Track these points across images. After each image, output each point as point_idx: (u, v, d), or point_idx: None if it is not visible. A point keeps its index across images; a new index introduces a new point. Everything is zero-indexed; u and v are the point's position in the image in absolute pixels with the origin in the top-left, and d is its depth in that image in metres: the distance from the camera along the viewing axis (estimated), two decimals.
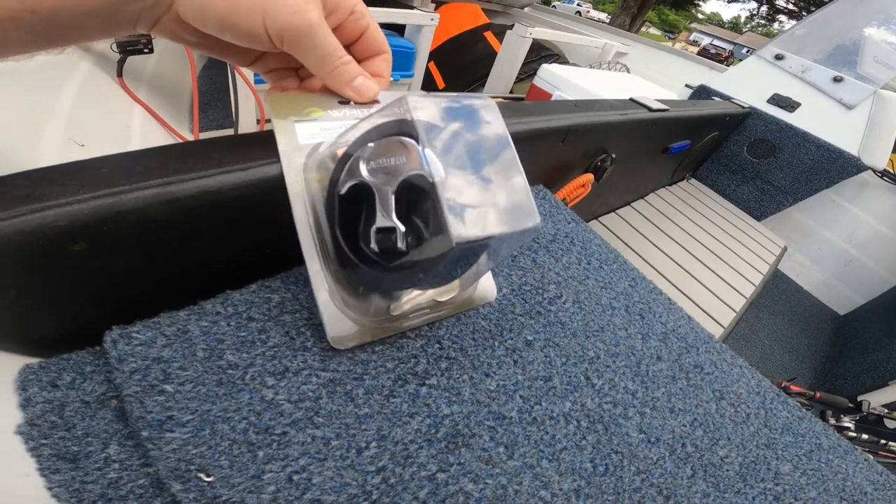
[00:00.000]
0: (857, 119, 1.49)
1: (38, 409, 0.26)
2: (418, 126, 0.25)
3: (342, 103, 0.32)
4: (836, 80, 1.53)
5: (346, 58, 0.29)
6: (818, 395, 1.09)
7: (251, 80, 1.11)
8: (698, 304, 1.08)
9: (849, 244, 1.85)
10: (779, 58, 1.63)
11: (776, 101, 1.56)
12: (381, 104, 0.32)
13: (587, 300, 0.47)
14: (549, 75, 1.43)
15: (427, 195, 0.24)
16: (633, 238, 1.21)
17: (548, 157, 0.66)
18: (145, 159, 0.28)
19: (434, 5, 2.16)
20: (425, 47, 1.56)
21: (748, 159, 1.62)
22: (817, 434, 0.45)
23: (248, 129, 1.17)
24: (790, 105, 1.54)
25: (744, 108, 1.50)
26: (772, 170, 1.60)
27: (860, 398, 1.13)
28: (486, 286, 0.39)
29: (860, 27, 1.58)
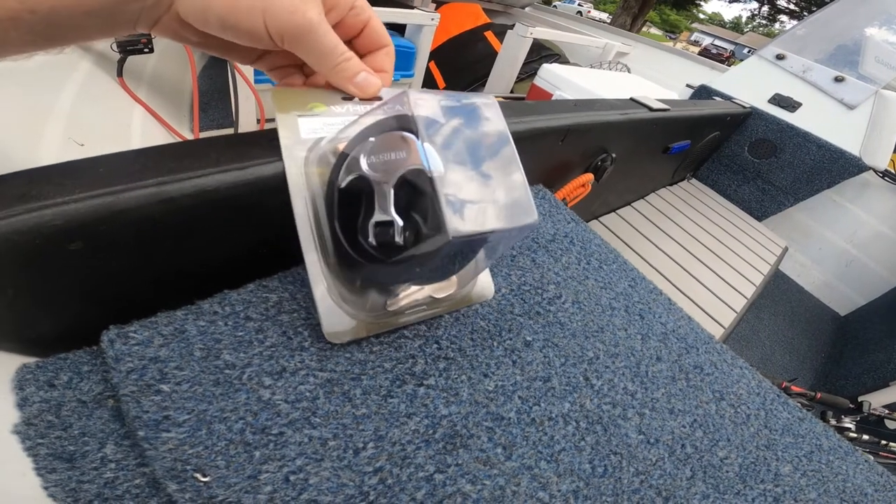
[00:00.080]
0: (859, 119, 1.49)
1: (35, 409, 0.26)
2: (418, 121, 0.25)
3: (346, 99, 0.32)
4: (838, 80, 1.53)
5: (347, 54, 0.29)
6: (819, 395, 1.09)
7: (251, 79, 1.11)
8: (698, 305, 1.08)
9: (850, 244, 1.85)
10: (780, 58, 1.63)
11: (777, 101, 1.55)
12: (383, 100, 0.32)
13: (587, 300, 0.46)
14: (550, 75, 1.43)
15: (426, 190, 0.24)
16: (634, 238, 1.21)
17: (548, 156, 0.66)
18: (143, 158, 0.28)
19: (434, 5, 2.16)
20: (426, 47, 1.56)
21: (749, 159, 1.62)
22: (818, 435, 0.44)
23: (249, 129, 1.17)
24: (791, 105, 1.54)
25: (745, 108, 1.50)
26: (773, 170, 1.59)
27: (861, 399, 1.13)
28: (484, 284, 0.39)
29: (861, 27, 1.58)
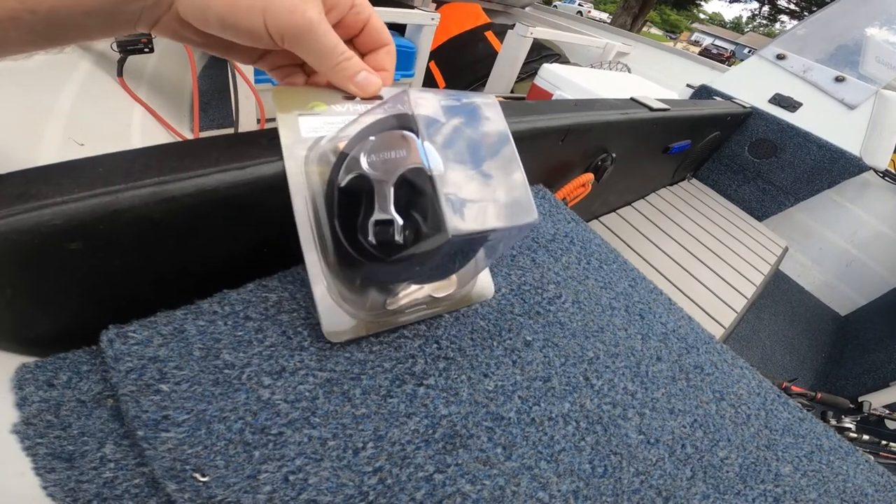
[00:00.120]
0: (859, 119, 1.49)
1: (34, 409, 0.26)
2: (419, 120, 0.25)
3: (347, 98, 0.32)
4: (838, 80, 1.53)
5: (347, 53, 0.29)
6: (819, 395, 1.09)
7: (252, 79, 1.11)
8: (699, 305, 1.08)
9: (850, 244, 1.85)
10: (780, 58, 1.63)
11: (778, 100, 1.55)
12: (384, 99, 0.32)
13: (587, 300, 0.46)
14: (550, 75, 1.43)
15: (426, 189, 0.24)
16: (634, 238, 1.21)
17: (548, 156, 0.66)
18: (142, 158, 0.28)
19: (435, 5, 2.16)
20: (426, 47, 1.56)
21: (749, 159, 1.62)
22: (818, 435, 0.44)
23: (249, 129, 1.17)
24: (792, 105, 1.54)
25: (745, 107, 1.50)
26: (773, 170, 1.59)
27: (861, 399, 1.13)
28: (484, 284, 0.39)
29: (862, 27, 1.58)
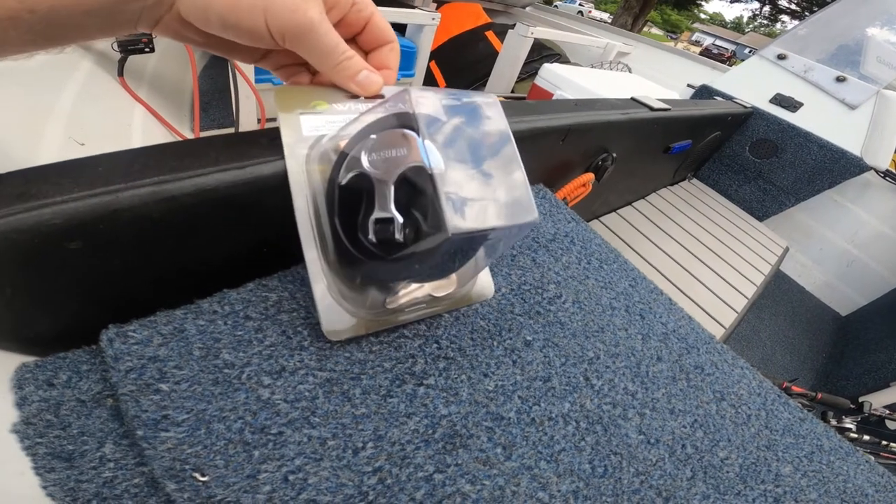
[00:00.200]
0: (860, 119, 1.49)
1: (34, 408, 0.26)
2: (419, 119, 0.25)
3: (350, 97, 0.32)
4: (839, 80, 1.53)
5: (348, 53, 0.29)
6: (819, 396, 1.08)
7: (252, 79, 1.11)
8: (699, 305, 1.08)
9: (851, 245, 1.85)
10: (781, 58, 1.63)
11: (778, 100, 1.55)
12: (385, 98, 0.32)
13: (587, 300, 0.46)
14: (551, 75, 1.43)
15: (426, 187, 0.24)
16: (634, 238, 1.21)
17: (548, 156, 0.66)
18: (142, 157, 0.28)
19: (435, 5, 2.16)
20: (426, 47, 1.56)
21: (750, 159, 1.62)
22: (818, 435, 0.44)
23: (249, 129, 1.17)
24: (793, 105, 1.53)
25: (746, 107, 1.50)
26: (774, 170, 1.59)
27: (862, 399, 1.12)
28: (484, 283, 0.39)
29: (863, 27, 1.58)
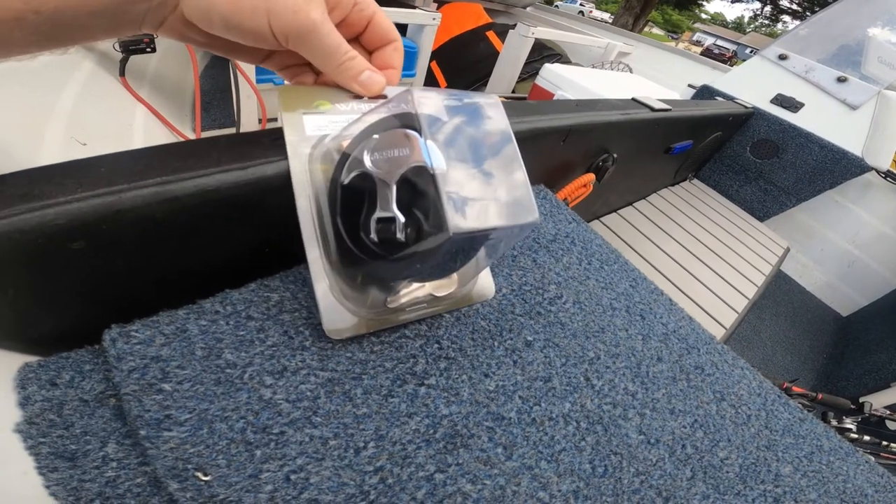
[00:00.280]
0: (861, 119, 1.48)
1: (37, 408, 0.26)
2: (422, 119, 0.25)
3: (354, 97, 0.32)
4: (840, 80, 1.52)
5: (351, 53, 0.29)
6: (820, 396, 1.08)
7: (253, 79, 1.11)
8: (700, 305, 1.08)
9: (852, 245, 1.84)
10: (782, 58, 1.62)
11: (780, 101, 1.55)
12: (388, 98, 0.32)
13: (588, 301, 0.46)
14: (552, 75, 1.43)
15: (427, 186, 0.24)
16: (635, 238, 1.21)
17: (549, 156, 0.66)
18: (144, 158, 0.28)
19: (436, 5, 2.16)
20: (427, 47, 1.56)
21: (751, 160, 1.62)
22: (818, 436, 0.44)
23: (251, 129, 1.17)
24: (794, 105, 1.53)
25: (747, 108, 1.49)
26: (775, 170, 1.59)
27: (862, 400, 1.12)
28: (485, 283, 0.39)
29: (864, 27, 1.58)
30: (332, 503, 0.25)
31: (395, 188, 0.26)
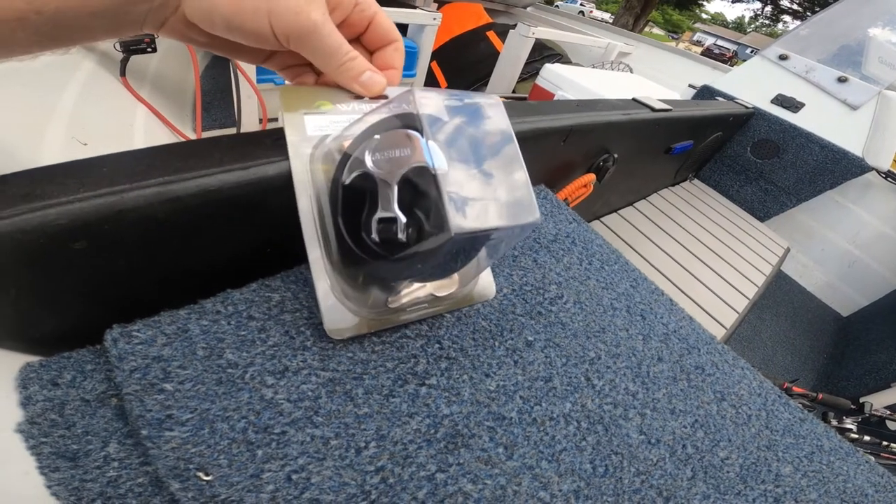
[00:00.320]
0: (862, 120, 1.48)
1: (39, 408, 0.27)
2: (423, 119, 0.25)
3: (355, 97, 0.32)
4: (841, 80, 1.53)
5: (352, 53, 0.29)
6: (820, 396, 1.09)
7: (254, 79, 1.11)
8: (700, 305, 1.08)
9: (852, 245, 1.84)
10: (783, 58, 1.62)
11: (780, 101, 1.55)
12: (389, 98, 0.32)
13: (588, 301, 0.46)
14: (552, 75, 1.43)
15: (429, 187, 0.24)
16: (635, 239, 1.21)
17: (550, 156, 0.66)
18: (146, 158, 0.28)
19: (436, 5, 2.16)
20: (428, 47, 1.56)
21: (752, 160, 1.62)
22: (819, 436, 0.44)
23: (251, 129, 1.17)
24: (794, 105, 1.53)
25: (747, 108, 1.49)
26: (775, 170, 1.59)
27: (862, 400, 1.12)
28: (486, 283, 0.39)
29: (865, 27, 1.58)
30: (333, 503, 0.25)
31: (396, 188, 0.26)
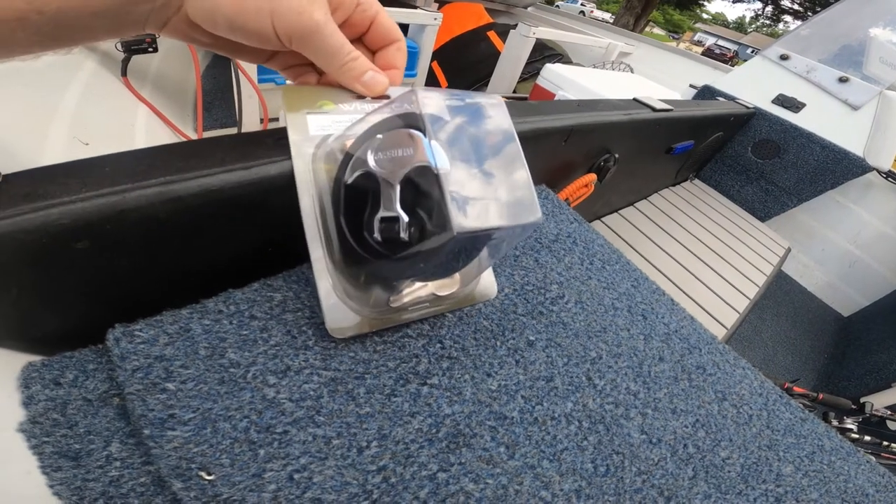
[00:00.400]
0: (863, 120, 1.48)
1: (41, 407, 0.27)
2: (426, 119, 0.25)
3: (357, 97, 0.32)
4: (842, 80, 1.52)
5: (354, 53, 0.29)
6: (821, 396, 1.08)
7: (255, 79, 1.11)
8: (701, 305, 1.08)
9: (853, 245, 1.84)
10: (784, 58, 1.62)
11: (781, 101, 1.55)
12: (391, 98, 0.32)
13: (589, 300, 0.46)
14: (553, 75, 1.42)
15: (431, 186, 0.24)
16: (636, 239, 1.21)
17: (551, 156, 0.66)
18: (148, 158, 0.28)
19: (437, 5, 2.16)
20: (428, 47, 1.56)
21: (752, 160, 1.61)
22: (820, 436, 0.44)
23: (252, 128, 1.17)
24: (795, 105, 1.53)
25: (748, 108, 1.49)
26: (776, 170, 1.59)
27: (863, 400, 1.12)
28: (487, 283, 0.39)
29: (866, 27, 1.58)
30: (335, 502, 0.25)
31: (398, 188, 0.26)
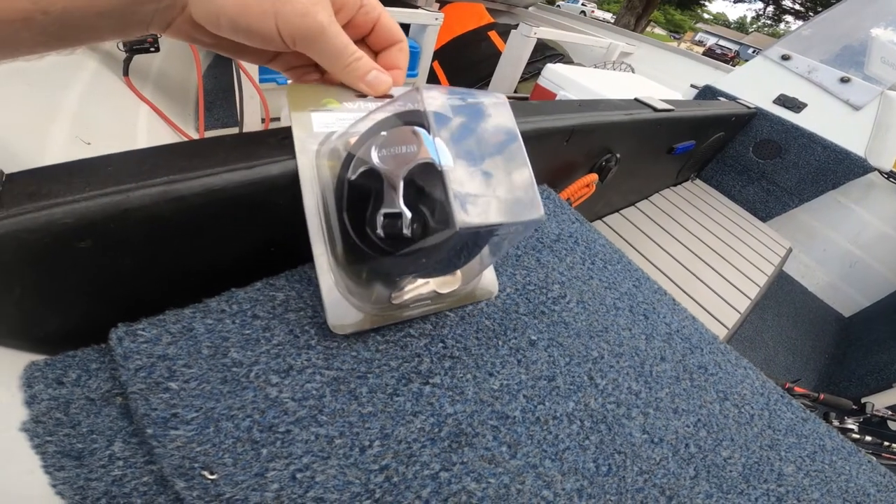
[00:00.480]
0: (864, 120, 1.48)
1: (44, 406, 0.27)
2: (430, 116, 0.25)
3: (360, 96, 0.32)
4: (843, 80, 1.52)
5: (357, 54, 0.29)
6: (822, 396, 1.08)
7: (256, 78, 1.11)
8: (703, 306, 1.08)
9: (854, 246, 1.84)
10: (785, 58, 1.62)
11: (782, 101, 1.55)
12: (395, 97, 0.32)
13: (591, 300, 0.46)
14: (554, 75, 1.42)
15: (434, 183, 0.25)
16: (637, 239, 1.21)
17: (552, 156, 0.66)
18: (151, 157, 0.28)
19: (438, 5, 2.16)
20: (430, 47, 1.56)
21: (754, 160, 1.61)
22: (821, 435, 0.44)
23: (253, 128, 1.17)
24: (796, 105, 1.53)
25: (750, 108, 1.49)
26: (777, 170, 1.59)
27: (864, 400, 1.12)
28: (489, 281, 0.39)
29: (867, 28, 1.58)
30: (337, 502, 0.25)
31: (402, 184, 0.26)
